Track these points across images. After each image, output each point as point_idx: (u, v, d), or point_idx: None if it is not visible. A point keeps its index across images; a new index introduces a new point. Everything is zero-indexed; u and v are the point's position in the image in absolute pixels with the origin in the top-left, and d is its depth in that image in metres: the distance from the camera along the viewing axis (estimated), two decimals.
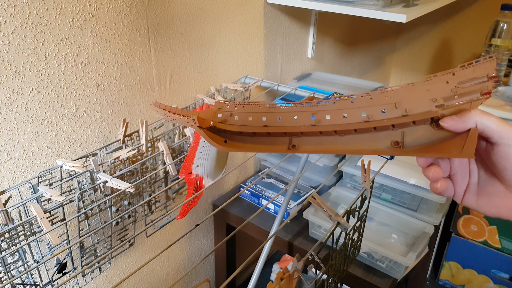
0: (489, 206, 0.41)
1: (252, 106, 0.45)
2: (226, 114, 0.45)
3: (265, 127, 0.44)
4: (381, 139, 0.41)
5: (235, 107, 0.45)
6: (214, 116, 0.45)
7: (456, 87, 0.38)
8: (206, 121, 0.45)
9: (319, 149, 0.44)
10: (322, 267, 0.55)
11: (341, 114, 0.42)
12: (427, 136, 0.39)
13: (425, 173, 0.41)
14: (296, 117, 0.44)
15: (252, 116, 0.45)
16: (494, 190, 0.40)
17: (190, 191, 0.60)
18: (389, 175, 1.03)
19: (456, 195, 0.42)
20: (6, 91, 0.66)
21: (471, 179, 0.42)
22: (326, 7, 1.01)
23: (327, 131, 0.42)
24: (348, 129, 0.42)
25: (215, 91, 1.00)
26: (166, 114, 0.47)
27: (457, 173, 0.41)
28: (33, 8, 0.66)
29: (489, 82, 0.37)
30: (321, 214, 1.01)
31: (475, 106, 0.38)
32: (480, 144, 0.39)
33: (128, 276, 0.46)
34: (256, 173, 1.33)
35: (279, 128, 0.44)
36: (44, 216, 0.58)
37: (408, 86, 0.40)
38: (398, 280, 0.92)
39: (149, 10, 0.83)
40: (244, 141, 0.45)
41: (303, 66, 1.40)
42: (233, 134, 0.45)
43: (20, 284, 0.66)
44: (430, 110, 0.39)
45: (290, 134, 0.44)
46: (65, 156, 0.79)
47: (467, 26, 1.82)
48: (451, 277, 1.52)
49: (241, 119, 0.45)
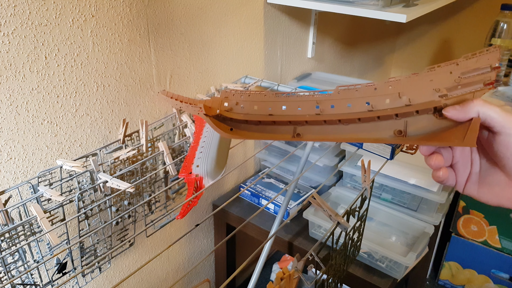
0: (490, 195, 0.41)
1: (258, 95, 0.46)
2: (232, 103, 0.46)
3: (270, 116, 0.45)
4: (385, 128, 0.41)
5: (241, 96, 0.46)
6: (220, 105, 0.46)
7: (459, 77, 0.39)
8: (213, 110, 0.46)
9: (323, 138, 0.44)
10: (322, 267, 0.55)
11: (345, 104, 0.43)
12: (430, 125, 0.40)
13: (427, 162, 0.41)
14: (301, 106, 0.44)
15: (257, 105, 0.45)
16: (495, 179, 0.41)
17: (190, 191, 0.60)
18: (389, 175, 1.03)
19: (458, 184, 0.43)
20: (6, 91, 0.66)
21: (473, 169, 0.42)
22: (326, 7, 1.01)
23: (331, 120, 0.43)
24: (352, 118, 0.42)
25: (215, 91, 1.00)
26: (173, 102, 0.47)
27: (459, 162, 0.42)
28: (33, 8, 0.66)
29: (492, 73, 0.37)
30: (321, 214, 1.01)
31: (478, 96, 0.38)
32: (482, 133, 0.40)
33: (128, 276, 0.46)
34: (256, 173, 1.33)
35: (284, 117, 0.45)
36: (44, 216, 0.58)
37: (411, 76, 0.41)
38: (398, 280, 0.92)
39: (149, 10, 0.83)
40: (249, 129, 0.46)
41: (303, 66, 1.40)
42: (238, 123, 0.46)
43: (20, 284, 0.66)
44: (433, 100, 0.39)
45: (294, 123, 0.45)
46: (65, 156, 0.79)
47: (467, 26, 1.82)
48: (451, 277, 1.52)
49: (246, 108, 0.46)
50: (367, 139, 0.42)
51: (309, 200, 0.56)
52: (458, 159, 0.42)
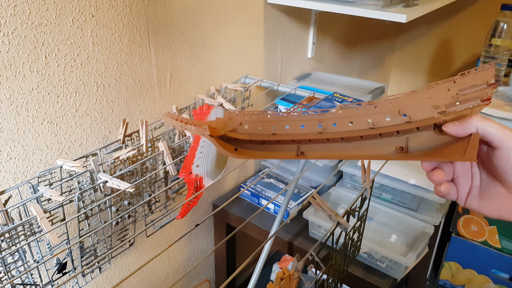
0: (491, 208, 0.42)
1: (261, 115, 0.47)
2: (235, 124, 0.47)
3: (273, 135, 0.46)
4: (386, 145, 0.43)
5: (245, 117, 0.47)
6: (224, 126, 0.47)
7: (457, 94, 0.40)
8: (217, 130, 0.47)
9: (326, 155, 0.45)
10: (322, 267, 0.55)
11: (347, 122, 0.44)
12: (431, 141, 0.41)
13: (430, 177, 0.42)
14: (304, 125, 0.46)
15: (261, 125, 0.47)
16: (496, 192, 0.41)
17: (190, 191, 0.60)
18: (389, 175, 1.03)
19: (459, 197, 0.43)
20: (6, 91, 0.66)
21: (473, 182, 0.43)
22: (326, 7, 1.01)
23: (334, 138, 0.44)
24: (354, 136, 0.43)
25: (215, 91, 1.00)
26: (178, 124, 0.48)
27: (460, 177, 0.43)
28: (33, 8, 0.66)
29: (489, 89, 0.39)
30: (321, 214, 1.01)
31: (475, 112, 0.39)
32: (481, 148, 0.41)
33: (128, 276, 0.46)
34: (256, 173, 1.33)
35: (287, 136, 0.46)
36: (44, 216, 0.58)
37: (410, 94, 0.42)
38: (398, 280, 0.92)
39: (149, 10, 0.83)
40: (254, 148, 0.47)
41: (303, 66, 1.40)
42: (243, 143, 0.47)
43: (20, 284, 0.66)
44: (433, 117, 0.40)
45: (298, 142, 0.46)
46: (65, 156, 0.79)
47: (467, 26, 1.82)
48: (451, 277, 1.52)
49: (250, 128, 0.47)
50: (370, 156, 0.43)
51: (309, 200, 0.56)
52: (459, 174, 0.42)
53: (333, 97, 0.88)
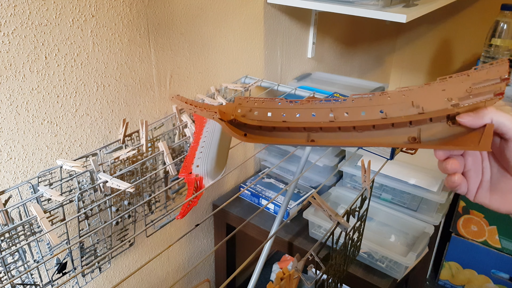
0: (502, 202, 0.42)
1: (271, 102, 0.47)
2: (245, 110, 0.47)
3: (284, 122, 0.46)
4: (399, 135, 0.42)
5: (255, 103, 0.47)
6: (234, 111, 0.47)
7: (470, 88, 0.40)
8: (227, 115, 0.46)
9: (338, 142, 0.45)
10: (322, 267, 0.55)
11: (359, 112, 0.44)
12: (443, 132, 0.41)
13: (443, 166, 0.42)
14: (315, 113, 0.45)
15: (271, 111, 0.46)
16: (507, 186, 0.42)
17: (190, 191, 0.60)
18: (389, 175, 1.03)
19: (469, 192, 0.44)
20: (6, 91, 0.66)
21: (484, 176, 0.43)
22: (326, 7, 1.01)
23: (346, 126, 0.44)
24: (366, 125, 0.43)
25: (215, 91, 1.00)
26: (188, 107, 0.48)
27: (471, 170, 0.43)
28: (33, 8, 0.66)
29: (502, 83, 0.39)
30: (321, 214, 1.01)
31: (489, 105, 0.39)
32: (494, 140, 0.41)
33: (128, 276, 0.46)
34: (256, 173, 1.33)
35: (298, 124, 0.45)
36: (44, 216, 0.58)
37: (424, 86, 0.42)
38: (398, 280, 0.92)
39: (149, 10, 0.83)
40: (263, 135, 0.47)
41: (303, 66, 1.40)
42: (253, 129, 0.47)
43: (20, 284, 0.66)
44: (446, 108, 0.40)
45: (309, 129, 0.45)
46: (65, 156, 0.79)
47: (467, 26, 1.82)
48: (451, 277, 1.52)
49: (260, 114, 0.46)
50: (382, 143, 0.43)
51: (309, 200, 0.56)
52: (470, 167, 0.43)
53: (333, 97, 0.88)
